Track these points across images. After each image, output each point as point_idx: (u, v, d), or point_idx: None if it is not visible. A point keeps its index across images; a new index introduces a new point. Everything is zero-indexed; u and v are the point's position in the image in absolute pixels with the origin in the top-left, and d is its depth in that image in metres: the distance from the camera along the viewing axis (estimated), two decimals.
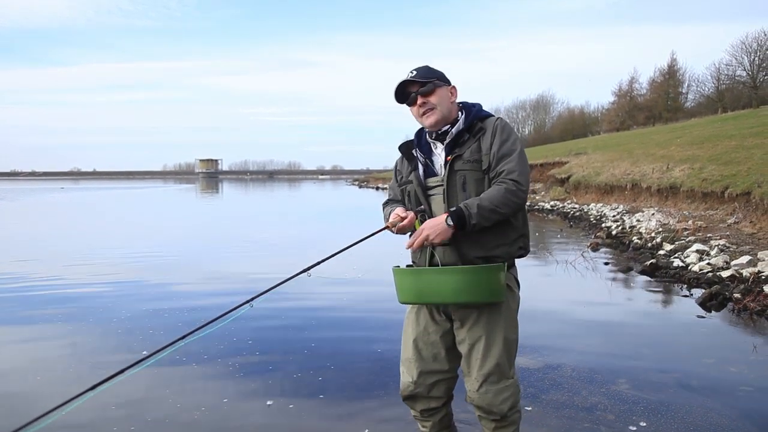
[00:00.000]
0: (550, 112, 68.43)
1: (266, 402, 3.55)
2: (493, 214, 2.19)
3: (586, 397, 3.59)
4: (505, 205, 2.20)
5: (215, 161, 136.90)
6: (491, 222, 2.21)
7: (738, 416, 3.31)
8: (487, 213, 2.18)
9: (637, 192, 17.77)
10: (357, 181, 67.23)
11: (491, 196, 2.20)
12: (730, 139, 17.17)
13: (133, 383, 3.74)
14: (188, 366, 4.24)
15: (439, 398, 2.46)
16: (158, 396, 3.68)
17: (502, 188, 2.20)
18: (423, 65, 2.43)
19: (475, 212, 2.17)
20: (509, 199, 2.20)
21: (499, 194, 2.20)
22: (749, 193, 11.02)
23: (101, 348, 4.76)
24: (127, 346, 4.74)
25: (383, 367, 4.17)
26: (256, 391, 3.76)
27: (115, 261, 9.39)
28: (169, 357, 4.32)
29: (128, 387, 3.68)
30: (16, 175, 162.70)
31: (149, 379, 3.92)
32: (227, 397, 3.65)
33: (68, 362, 4.39)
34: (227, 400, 3.61)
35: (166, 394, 3.71)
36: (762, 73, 37.25)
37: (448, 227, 2.20)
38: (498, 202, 2.19)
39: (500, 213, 2.20)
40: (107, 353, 4.58)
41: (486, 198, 2.20)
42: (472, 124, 2.36)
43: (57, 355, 4.55)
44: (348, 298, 6.53)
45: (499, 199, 2.19)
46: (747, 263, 7.08)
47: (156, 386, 3.83)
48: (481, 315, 2.32)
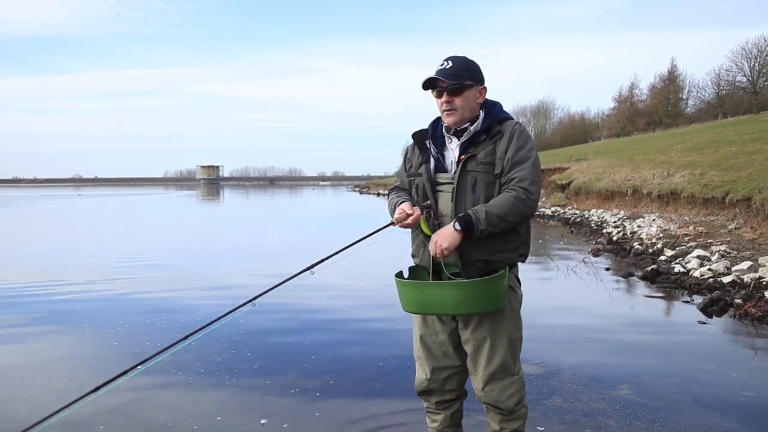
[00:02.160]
0: (551, 117, 68.49)
1: (260, 419, 3.43)
2: (501, 221, 2.18)
3: (587, 402, 3.60)
4: (513, 213, 2.18)
5: (216, 167, 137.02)
6: (499, 229, 2.20)
7: (739, 422, 3.31)
8: (495, 220, 2.17)
9: (638, 198, 17.78)
10: (358, 187, 67.34)
11: (500, 204, 2.19)
12: (731, 145, 17.18)
13: (125, 394, 3.75)
14: (185, 375, 4.20)
15: (452, 390, 2.52)
16: (152, 407, 3.62)
17: (512, 196, 2.19)
18: (459, 57, 2.35)
19: (483, 218, 2.16)
20: (518, 208, 2.19)
21: (508, 202, 2.18)
22: (750, 199, 11.02)
23: (101, 354, 4.77)
24: (132, 352, 4.75)
25: (385, 373, 4.18)
26: (252, 405, 3.69)
27: (134, 267, 9.41)
28: (166, 365, 4.34)
29: (120, 399, 3.68)
30: (18, 182, 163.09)
31: (144, 389, 3.88)
32: (222, 412, 3.60)
33: (70, 368, 4.41)
34: (220, 417, 3.57)
35: (159, 407, 3.65)
36: (762, 78, 37.32)
37: (456, 232, 2.19)
38: (507, 210, 2.17)
39: (508, 221, 2.19)
40: (110, 359, 4.59)
41: (495, 205, 2.19)
42: (490, 126, 2.34)
43: (60, 360, 4.57)
44: (349, 304, 6.54)
45: (508, 207, 2.18)
46: (748, 269, 7.08)
47: (150, 397, 3.79)
48: (484, 317, 2.34)
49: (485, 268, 2.29)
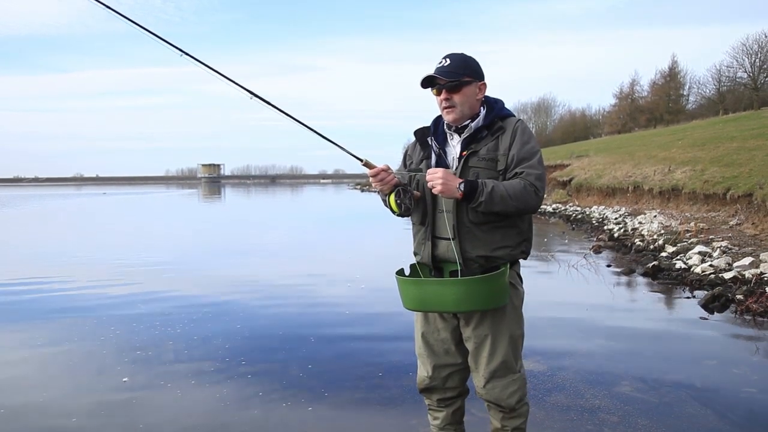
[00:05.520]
0: (552, 114, 68.42)
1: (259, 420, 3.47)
2: (503, 202, 2.16)
3: (589, 399, 3.61)
4: (517, 199, 2.17)
5: (218, 166, 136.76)
6: (496, 209, 2.18)
7: (741, 418, 3.32)
8: (498, 198, 2.16)
9: (639, 194, 17.78)
10: (359, 185, 67.24)
11: (509, 186, 2.18)
12: (732, 141, 17.17)
13: (123, 394, 3.77)
14: (183, 376, 4.20)
15: (454, 388, 2.52)
16: (149, 408, 3.63)
17: (522, 184, 2.18)
18: (457, 54, 2.34)
19: (488, 191, 2.15)
20: (524, 197, 2.17)
21: (518, 187, 2.17)
22: (751, 195, 11.02)
23: (106, 355, 4.79)
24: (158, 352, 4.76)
25: (386, 370, 4.19)
26: (250, 406, 3.71)
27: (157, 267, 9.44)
28: (164, 365, 4.36)
29: (118, 398, 3.70)
30: (20, 181, 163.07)
31: (141, 390, 3.89)
32: (221, 413, 3.61)
33: (77, 371, 4.42)
34: (219, 419, 3.62)
35: (156, 407, 3.65)
36: (763, 74, 37.19)
37: (457, 190, 2.18)
38: (513, 193, 2.16)
39: (509, 204, 2.17)
40: (113, 361, 4.61)
41: (503, 184, 2.18)
42: (492, 122, 2.33)
43: (65, 363, 4.59)
44: (350, 304, 6.55)
45: (516, 191, 2.17)
46: (749, 265, 7.09)
47: (148, 398, 3.79)
48: (485, 314, 2.34)
49: (486, 264, 2.29)
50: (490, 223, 2.27)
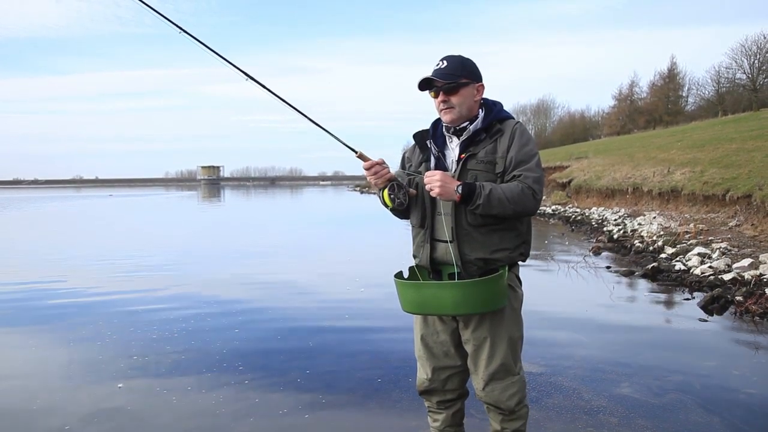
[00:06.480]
0: (551, 116, 68.43)
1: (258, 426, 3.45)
2: (501, 205, 2.16)
3: (588, 400, 3.61)
4: (515, 202, 2.17)
5: (217, 168, 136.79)
6: (494, 211, 2.18)
7: (740, 419, 3.31)
8: (496, 201, 2.16)
9: (639, 196, 17.79)
10: (359, 186, 67.26)
11: (507, 188, 2.18)
12: (731, 142, 17.18)
13: (121, 397, 3.76)
14: (182, 382, 4.17)
15: (454, 390, 2.52)
16: (147, 414, 3.59)
17: (520, 187, 2.18)
18: (455, 56, 2.35)
19: (485, 194, 2.16)
20: (522, 200, 2.17)
21: (516, 190, 2.17)
22: (750, 196, 11.02)
23: (105, 356, 4.78)
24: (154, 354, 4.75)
25: (386, 373, 4.19)
26: (249, 411, 3.72)
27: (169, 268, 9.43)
28: (163, 371, 4.35)
29: (116, 403, 3.69)
30: (19, 183, 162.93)
31: (139, 394, 3.87)
32: (219, 419, 3.63)
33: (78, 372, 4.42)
34: (218, 423, 3.62)
35: (154, 413, 3.63)
36: (762, 75, 37.21)
37: (455, 193, 2.18)
38: (511, 196, 2.16)
39: (507, 207, 2.17)
40: (114, 362, 4.60)
41: (501, 187, 2.18)
42: (490, 125, 2.34)
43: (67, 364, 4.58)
44: (349, 307, 6.55)
45: (514, 194, 2.17)
46: (749, 266, 7.09)
47: (146, 403, 3.76)
48: (484, 316, 2.34)
49: (485, 267, 2.28)
50: (489, 226, 2.27)
